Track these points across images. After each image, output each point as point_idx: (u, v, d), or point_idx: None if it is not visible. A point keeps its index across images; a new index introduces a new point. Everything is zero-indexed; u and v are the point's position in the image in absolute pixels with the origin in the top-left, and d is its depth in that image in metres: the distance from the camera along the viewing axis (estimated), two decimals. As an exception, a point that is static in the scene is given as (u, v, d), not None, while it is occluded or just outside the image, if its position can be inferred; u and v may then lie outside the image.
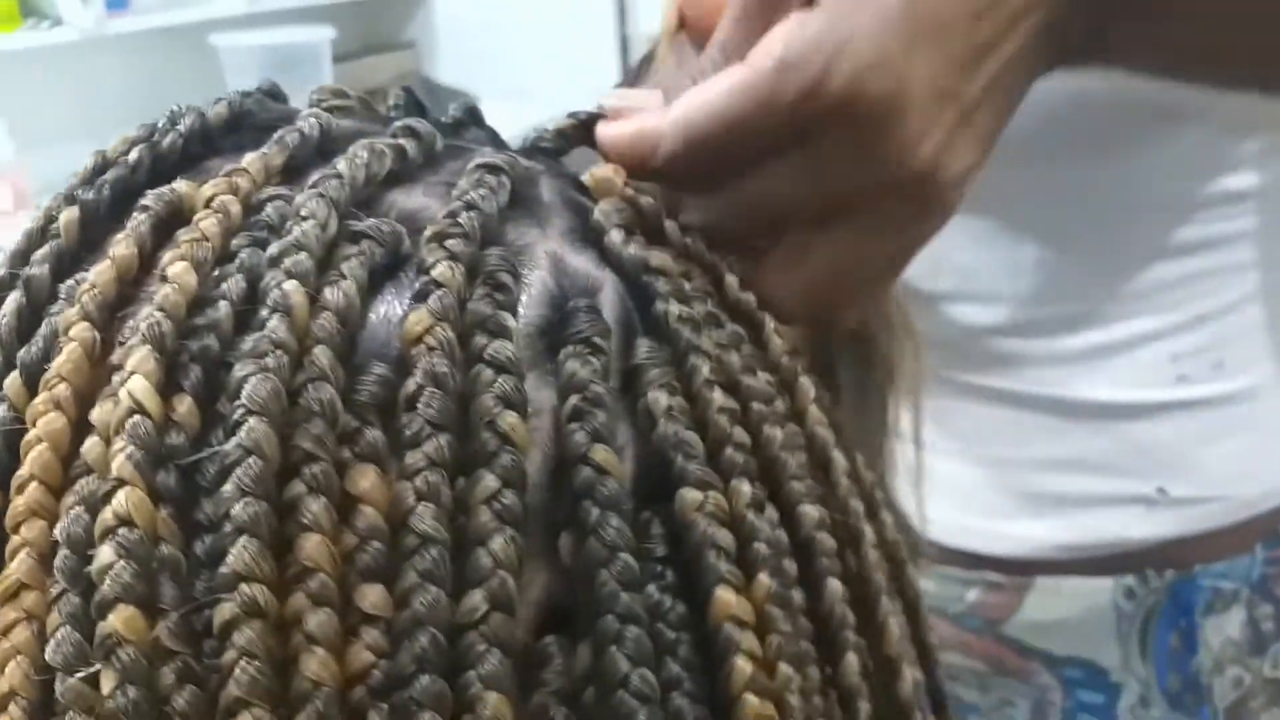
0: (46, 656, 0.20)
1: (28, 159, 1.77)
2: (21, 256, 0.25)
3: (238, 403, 0.20)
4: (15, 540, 0.21)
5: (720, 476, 0.24)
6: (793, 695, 0.24)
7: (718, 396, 0.24)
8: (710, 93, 0.28)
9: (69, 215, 0.25)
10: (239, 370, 0.21)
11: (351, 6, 2.27)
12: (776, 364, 0.28)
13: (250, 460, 0.20)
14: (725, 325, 0.27)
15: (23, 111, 1.79)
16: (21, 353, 0.23)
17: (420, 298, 0.22)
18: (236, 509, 0.20)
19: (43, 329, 0.23)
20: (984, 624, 0.58)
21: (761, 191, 0.29)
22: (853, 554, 0.28)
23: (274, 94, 0.30)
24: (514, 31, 2.28)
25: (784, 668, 0.24)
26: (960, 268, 0.57)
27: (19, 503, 0.21)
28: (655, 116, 0.29)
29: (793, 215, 0.29)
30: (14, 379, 0.23)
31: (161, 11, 1.84)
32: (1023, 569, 0.57)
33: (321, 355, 0.21)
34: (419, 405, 0.21)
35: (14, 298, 0.24)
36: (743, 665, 0.23)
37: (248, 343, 0.21)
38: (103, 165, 0.26)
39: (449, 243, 0.23)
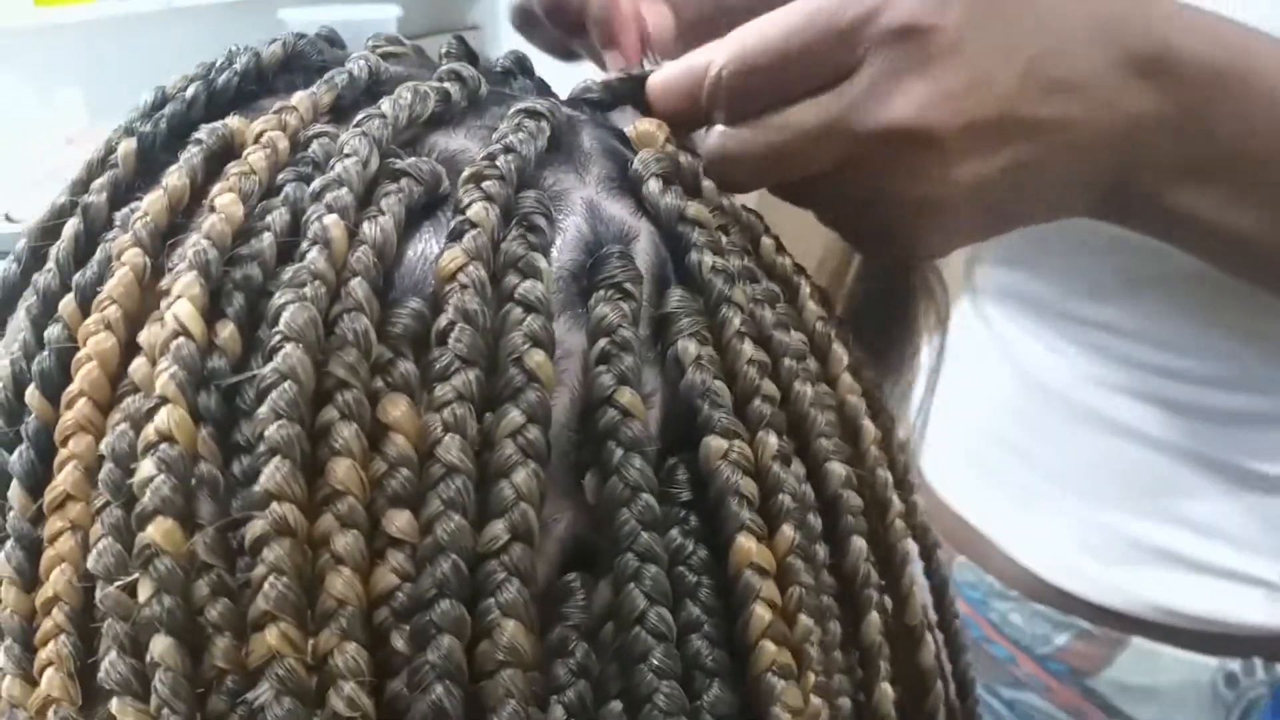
0: (88, 565, 0.21)
1: (101, 127, 1.82)
2: (82, 185, 0.26)
3: (275, 329, 0.21)
4: (63, 453, 0.22)
5: (747, 427, 0.24)
6: (812, 647, 0.24)
7: (748, 348, 0.25)
8: (770, 15, 0.28)
9: (126, 146, 0.26)
10: (278, 298, 0.21)
11: (418, -13, 2.29)
12: (811, 327, 0.28)
13: (285, 385, 0.20)
14: (760, 281, 0.27)
15: (97, 81, 1.84)
16: (77, 276, 0.24)
17: (455, 236, 0.22)
18: (270, 430, 0.20)
19: (98, 254, 0.24)
20: (1069, 671, 0.54)
21: (788, 123, 0.28)
22: (879, 520, 0.28)
23: (331, 39, 0.30)
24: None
25: (804, 619, 0.24)
26: (1114, 297, 0.51)
27: (68, 417, 0.22)
28: (707, 48, 0.29)
29: (805, 158, 0.29)
30: (69, 301, 0.24)
31: (234, -15, 1.88)
32: (1120, 624, 0.52)
33: (358, 287, 0.21)
34: (449, 340, 0.21)
35: (72, 224, 0.25)
36: (761, 612, 0.23)
37: (288, 273, 0.22)
38: (161, 100, 0.27)
39: (485, 184, 0.23)
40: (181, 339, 0.21)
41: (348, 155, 0.23)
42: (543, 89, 0.30)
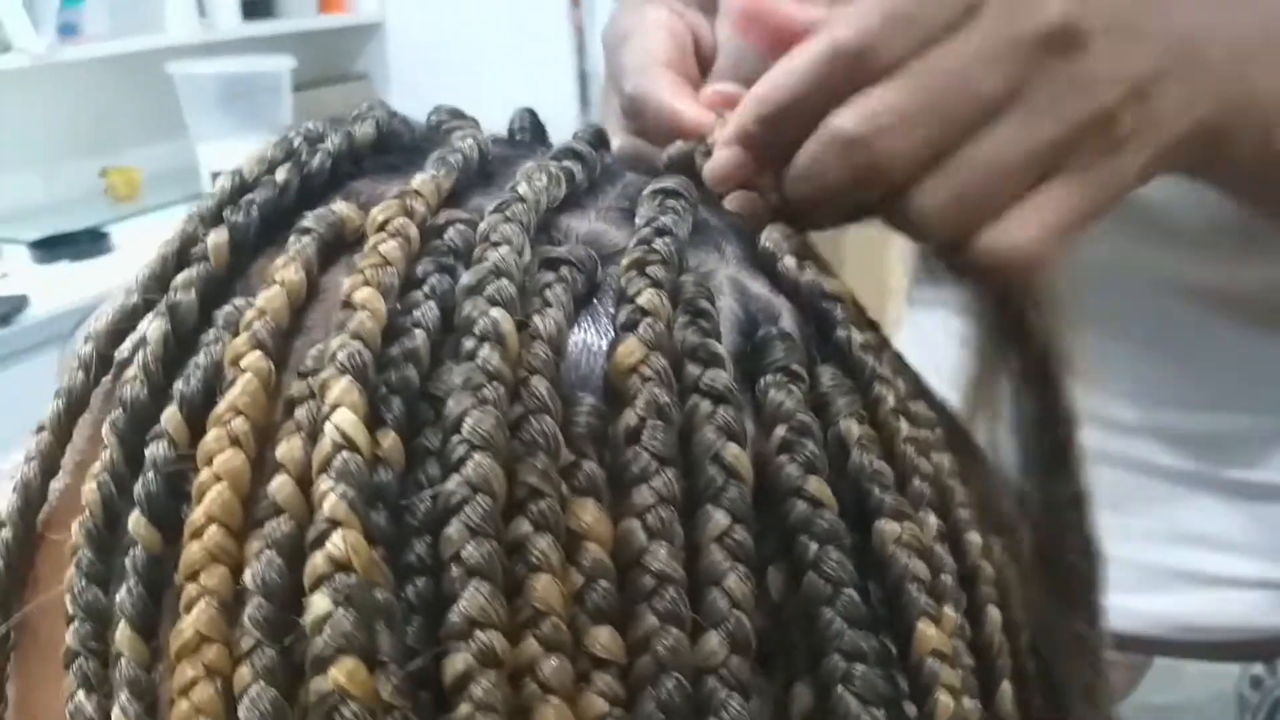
0: (241, 716, 0.19)
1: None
2: (156, 281, 0.24)
3: (458, 438, 0.19)
4: (192, 589, 0.20)
5: (911, 506, 0.23)
6: None
7: (904, 426, 0.24)
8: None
9: (218, 238, 0.23)
10: (455, 403, 0.19)
11: (304, 38, 2.25)
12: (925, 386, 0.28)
13: (478, 498, 0.18)
14: (885, 350, 0.26)
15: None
16: (180, 385, 0.22)
17: (629, 327, 0.21)
18: (468, 550, 0.18)
19: (200, 359, 0.22)
20: None
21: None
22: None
23: (393, 113, 0.28)
24: (466, 67, 2.28)
25: (966, 701, 0.23)
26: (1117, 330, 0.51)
27: (195, 548, 0.20)
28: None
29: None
30: (173, 414, 0.21)
31: (115, 39, 1.78)
32: (1141, 647, 0.52)
33: (539, 385, 0.20)
34: (643, 438, 0.20)
35: (158, 326, 0.23)
36: (946, 700, 0.22)
37: (457, 374, 0.20)
38: (242, 186, 0.25)
39: (650, 269, 0.22)
40: (346, 453, 0.19)
41: (497, 243, 0.21)
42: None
